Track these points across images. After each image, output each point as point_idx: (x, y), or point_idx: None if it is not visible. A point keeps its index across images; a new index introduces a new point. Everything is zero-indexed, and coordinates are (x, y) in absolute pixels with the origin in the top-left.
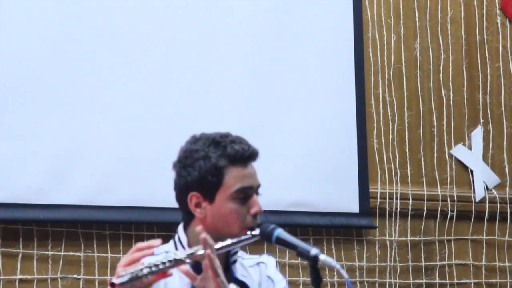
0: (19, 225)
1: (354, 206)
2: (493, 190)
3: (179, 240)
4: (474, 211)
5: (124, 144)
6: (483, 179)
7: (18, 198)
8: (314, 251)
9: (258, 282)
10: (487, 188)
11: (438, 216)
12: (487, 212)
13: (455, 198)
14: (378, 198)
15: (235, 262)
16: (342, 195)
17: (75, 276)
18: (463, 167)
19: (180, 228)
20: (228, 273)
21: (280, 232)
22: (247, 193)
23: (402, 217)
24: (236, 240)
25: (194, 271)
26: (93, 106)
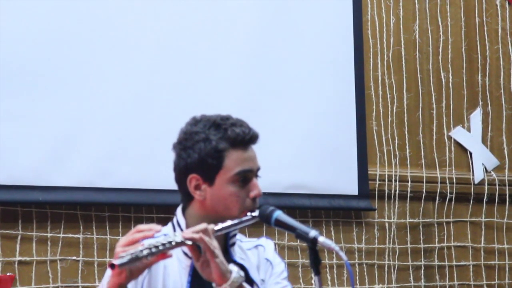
0: (18, 207)
1: (353, 188)
2: (492, 172)
3: (177, 223)
4: (473, 193)
5: (123, 126)
6: (482, 161)
7: (17, 180)
8: (313, 233)
9: (257, 265)
10: (486, 170)
11: (437, 198)
12: (486, 194)
13: (454, 180)
14: (377, 180)
15: (233, 244)
16: (341, 177)
17: (74, 258)
18: (462, 149)
19: (179, 211)
20: (227, 255)
21: (279, 214)
22: (247, 176)
23: (401, 199)
24: (235, 221)
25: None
26: (92, 88)
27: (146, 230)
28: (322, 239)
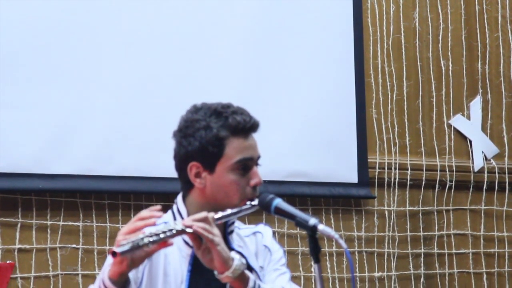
0: (18, 194)
1: (353, 176)
2: (491, 160)
3: (178, 211)
4: (472, 181)
5: (123, 114)
6: (482, 149)
7: (17, 168)
8: (312, 221)
9: (255, 252)
10: (486, 158)
11: (437, 186)
12: (485, 182)
13: (454, 168)
14: (377, 168)
15: (232, 232)
16: (341, 165)
17: (74, 245)
18: (461, 137)
19: (179, 199)
20: (225, 243)
21: (278, 202)
22: (247, 164)
23: (401, 187)
24: (235, 210)
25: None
26: (92, 76)
27: (147, 217)
28: (321, 227)
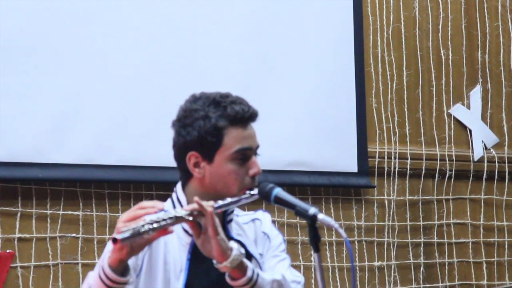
0: (18, 184)
1: (353, 166)
2: (491, 150)
3: (178, 200)
4: (472, 171)
5: (122, 103)
6: (482, 138)
7: (17, 157)
8: (312, 210)
9: (254, 239)
10: (486, 148)
11: (437, 175)
12: (485, 172)
13: (454, 158)
14: (377, 157)
15: (231, 221)
16: (340, 154)
17: (73, 235)
18: (461, 127)
19: (179, 188)
20: (224, 232)
21: (278, 191)
22: (246, 154)
23: (401, 176)
24: (235, 198)
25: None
26: (92, 65)
27: (149, 207)
28: (321, 216)
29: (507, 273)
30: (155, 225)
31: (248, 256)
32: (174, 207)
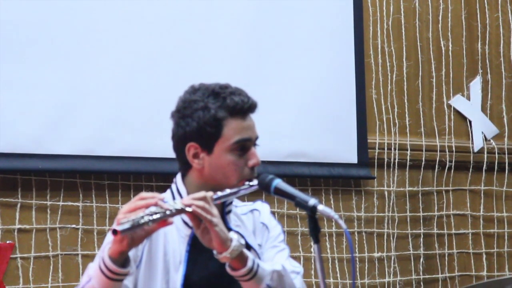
0: (18, 175)
1: (353, 157)
2: (491, 141)
3: (178, 190)
4: (472, 162)
5: (123, 94)
6: (482, 129)
7: (17, 148)
8: (312, 201)
9: (253, 230)
10: (486, 139)
11: (437, 166)
12: (485, 163)
13: (454, 149)
14: (377, 148)
15: (229, 212)
16: (340, 145)
17: (73, 226)
18: (461, 118)
19: (179, 178)
20: (223, 223)
21: (278, 183)
22: (245, 145)
23: (401, 167)
24: (235, 189)
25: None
26: (92, 56)
27: (149, 198)
28: (321, 208)
29: (507, 264)
30: (155, 216)
31: (247, 247)
32: (174, 198)
